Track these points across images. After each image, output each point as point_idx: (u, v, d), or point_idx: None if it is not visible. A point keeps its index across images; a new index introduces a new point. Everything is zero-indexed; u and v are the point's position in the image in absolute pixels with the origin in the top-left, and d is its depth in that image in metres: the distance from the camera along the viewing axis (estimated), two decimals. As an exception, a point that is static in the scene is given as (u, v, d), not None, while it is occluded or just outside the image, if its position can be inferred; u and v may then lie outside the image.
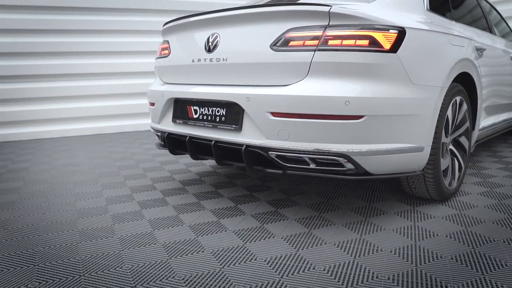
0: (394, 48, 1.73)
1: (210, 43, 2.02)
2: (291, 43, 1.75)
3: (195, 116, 2.08)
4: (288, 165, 1.80)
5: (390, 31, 1.74)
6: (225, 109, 1.94)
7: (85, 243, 1.78)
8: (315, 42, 1.70)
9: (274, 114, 1.73)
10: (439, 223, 1.95)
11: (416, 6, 2.12)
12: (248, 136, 1.84)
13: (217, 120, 1.97)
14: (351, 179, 1.78)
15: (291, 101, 1.69)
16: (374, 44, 1.69)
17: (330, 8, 1.69)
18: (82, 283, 1.44)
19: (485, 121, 2.76)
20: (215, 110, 1.98)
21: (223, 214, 2.11)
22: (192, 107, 2.10)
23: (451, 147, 2.29)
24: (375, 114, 1.68)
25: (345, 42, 1.68)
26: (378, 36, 1.70)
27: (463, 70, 2.21)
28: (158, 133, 2.38)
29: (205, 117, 2.03)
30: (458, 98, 2.21)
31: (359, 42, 1.68)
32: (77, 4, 4.78)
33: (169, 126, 2.25)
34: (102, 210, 2.22)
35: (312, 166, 1.76)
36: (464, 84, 2.46)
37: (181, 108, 2.17)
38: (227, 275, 1.48)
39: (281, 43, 1.77)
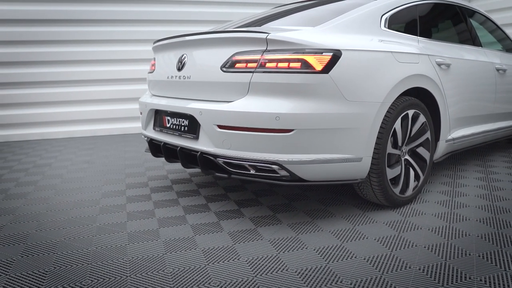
0: (327, 69, 1.94)
1: (180, 63, 2.34)
2: (236, 65, 2.02)
3: (167, 125, 2.41)
4: (233, 170, 2.07)
5: (324, 53, 1.95)
6: (187, 121, 2.25)
7: (69, 229, 2.18)
8: (254, 64, 1.96)
9: (219, 126, 2.02)
10: (376, 228, 2.13)
11: (369, 26, 2.29)
12: (202, 144, 2.14)
13: (182, 129, 2.28)
14: (288, 184, 2.02)
15: (232, 116, 1.96)
16: (306, 66, 1.92)
17: (267, 35, 1.94)
18: (53, 258, 1.82)
19: (457, 132, 2.84)
20: (181, 120, 2.30)
21: (191, 210, 2.43)
22: (166, 117, 2.43)
23: (407, 157, 2.43)
24: (305, 128, 1.91)
25: (280, 64, 1.92)
26: (310, 59, 1.92)
27: (416, 85, 2.34)
28: (145, 138, 2.75)
29: (174, 126, 2.35)
30: (411, 112, 2.35)
31: (292, 64, 1.92)
32: (78, 17, 5.33)
33: (151, 132, 2.60)
34: (95, 202, 2.63)
35: (252, 172, 2.03)
36: (427, 98, 2.58)
37: (159, 117, 2.52)
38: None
39: (229, 65, 2.05)
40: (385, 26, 2.39)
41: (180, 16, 5.71)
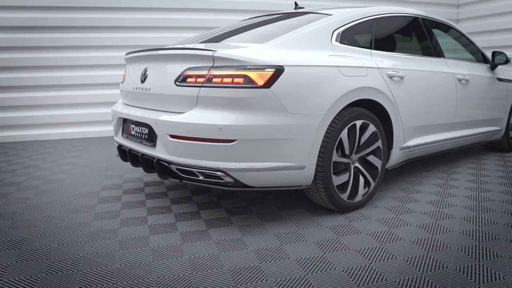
0: (268, 84, 2.11)
1: (143, 75, 2.53)
2: (187, 79, 2.20)
3: (132, 133, 2.60)
4: (185, 176, 2.25)
5: (266, 69, 2.12)
6: (147, 129, 2.43)
7: (39, 227, 2.38)
8: (202, 79, 2.14)
9: (171, 135, 2.20)
10: (318, 231, 2.28)
11: (318, 41, 2.44)
12: (158, 151, 2.32)
13: (143, 137, 2.47)
14: (233, 190, 2.18)
15: (181, 126, 2.14)
16: (249, 81, 2.08)
17: (214, 53, 2.11)
18: (17, 254, 2.02)
19: (413, 141, 2.96)
20: (142, 129, 2.48)
21: (154, 211, 2.61)
22: (131, 125, 2.62)
23: (356, 164, 2.57)
24: (247, 139, 2.08)
25: (225, 80, 2.09)
26: (252, 74, 2.09)
27: (363, 97, 2.48)
28: (116, 144, 2.94)
29: (137, 134, 2.54)
30: (359, 122, 2.49)
31: (236, 80, 2.09)
32: (72, 23, 5.56)
33: (120, 139, 2.79)
34: (68, 202, 2.83)
35: (201, 178, 2.20)
36: (380, 108, 2.71)
37: (126, 125, 2.71)
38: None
39: (181, 79, 2.22)
40: (336, 41, 2.54)
41: (176, 23, 5.91)
